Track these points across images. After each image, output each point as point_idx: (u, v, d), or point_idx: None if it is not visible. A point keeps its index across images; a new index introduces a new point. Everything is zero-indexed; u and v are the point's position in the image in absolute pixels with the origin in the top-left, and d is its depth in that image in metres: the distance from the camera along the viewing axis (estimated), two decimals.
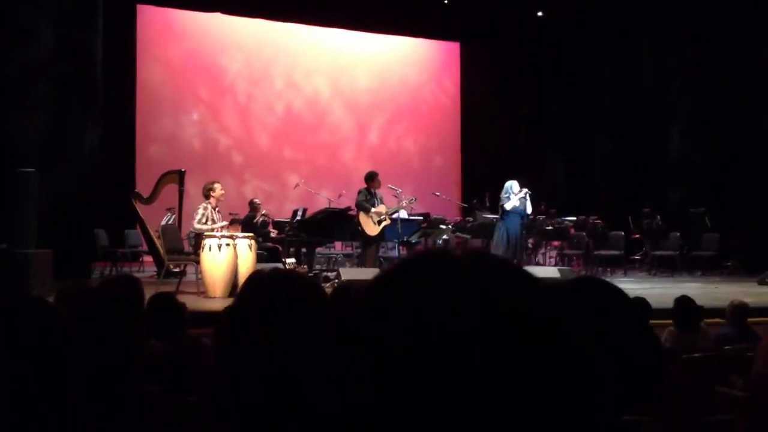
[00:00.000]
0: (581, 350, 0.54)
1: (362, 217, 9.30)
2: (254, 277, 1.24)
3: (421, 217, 10.73)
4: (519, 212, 10.20)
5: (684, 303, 4.69)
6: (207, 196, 8.43)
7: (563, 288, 1.16)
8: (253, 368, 1.10)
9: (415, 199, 9.97)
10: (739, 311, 4.85)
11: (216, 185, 8.48)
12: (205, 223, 8.24)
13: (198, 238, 8.33)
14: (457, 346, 0.51)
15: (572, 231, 11.93)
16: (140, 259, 11.62)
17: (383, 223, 9.25)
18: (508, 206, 10.03)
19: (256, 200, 11.96)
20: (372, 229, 9.25)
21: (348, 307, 0.57)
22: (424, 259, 0.57)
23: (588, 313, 1.06)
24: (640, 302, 4.71)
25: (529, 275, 0.56)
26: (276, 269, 1.31)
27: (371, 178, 9.52)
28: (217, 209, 8.48)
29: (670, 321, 4.85)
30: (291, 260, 9.63)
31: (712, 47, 13.52)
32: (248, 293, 1.20)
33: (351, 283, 4.83)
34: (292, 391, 1.05)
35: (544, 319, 0.53)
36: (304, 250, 10.17)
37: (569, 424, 0.51)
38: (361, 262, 9.90)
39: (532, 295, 0.54)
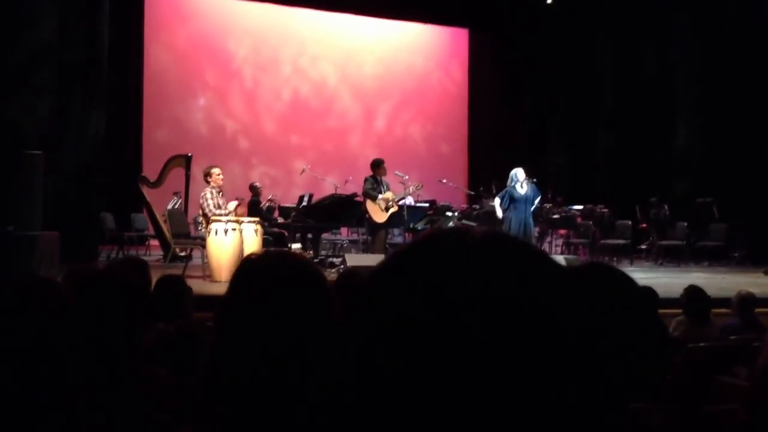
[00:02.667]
0: (589, 336, 0.53)
1: (369, 204, 9.29)
2: (245, 262, 1.24)
3: (428, 204, 10.73)
4: (525, 198, 10.17)
5: (694, 293, 4.67)
6: (207, 181, 8.46)
7: (572, 274, 1.15)
8: (248, 357, 1.10)
9: (422, 186, 9.95)
10: (745, 302, 4.84)
11: (213, 170, 8.49)
12: (218, 208, 8.27)
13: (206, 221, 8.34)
14: (469, 326, 0.50)
15: (579, 220, 11.90)
16: (147, 243, 11.67)
17: (391, 210, 9.26)
18: (517, 197, 9.95)
19: (257, 184, 11.95)
20: (379, 216, 9.26)
21: (354, 290, 0.56)
22: (440, 238, 0.56)
23: (596, 300, 1.06)
24: (648, 291, 4.70)
25: (544, 256, 0.56)
26: (267, 252, 1.29)
27: (377, 165, 9.52)
28: (221, 193, 8.50)
29: (676, 311, 4.85)
30: (297, 246, 9.65)
31: (715, 36, 13.43)
32: (240, 280, 1.19)
33: (356, 269, 4.84)
34: (289, 380, 1.05)
35: (552, 302, 0.53)
36: (310, 235, 10.19)
37: (575, 409, 0.51)
38: (369, 248, 9.92)
39: (544, 278, 0.54)
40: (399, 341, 0.51)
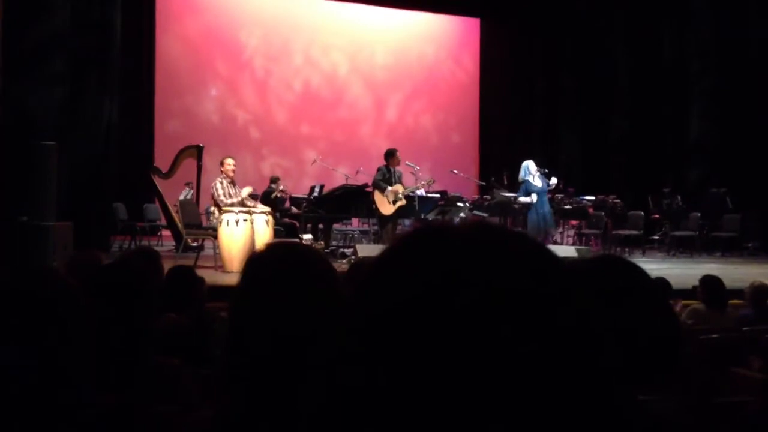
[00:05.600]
0: (587, 327, 0.53)
1: (377, 195, 9.27)
2: (253, 257, 1.24)
3: (438, 195, 10.70)
4: (542, 190, 10.19)
5: (711, 282, 4.69)
6: (222, 171, 8.55)
7: (583, 266, 1.15)
8: (260, 347, 1.11)
9: (433, 181, 9.91)
10: (759, 293, 4.81)
11: (226, 160, 8.55)
12: (230, 197, 8.31)
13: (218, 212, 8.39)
14: (457, 319, 0.50)
15: (591, 210, 11.85)
16: (159, 233, 11.73)
17: (398, 204, 9.21)
18: (533, 199, 10.03)
19: (278, 178, 12.01)
20: (386, 208, 9.23)
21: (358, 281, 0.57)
22: (428, 233, 0.56)
23: (606, 291, 1.05)
24: (661, 282, 4.69)
25: (540, 248, 0.56)
26: (275, 244, 1.30)
27: (390, 155, 9.47)
28: (232, 183, 8.53)
29: (690, 302, 4.83)
30: (308, 236, 9.66)
31: (730, 24, 13.28)
32: (248, 273, 1.20)
33: (367, 260, 4.83)
34: (301, 369, 1.06)
35: (548, 293, 0.53)
36: (321, 226, 10.20)
37: (577, 402, 0.51)
38: (378, 239, 9.92)
39: (538, 269, 0.54)
40: (396, 331, 0.51)
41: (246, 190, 8.56)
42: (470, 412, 0.49)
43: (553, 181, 10.23)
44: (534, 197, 10.03)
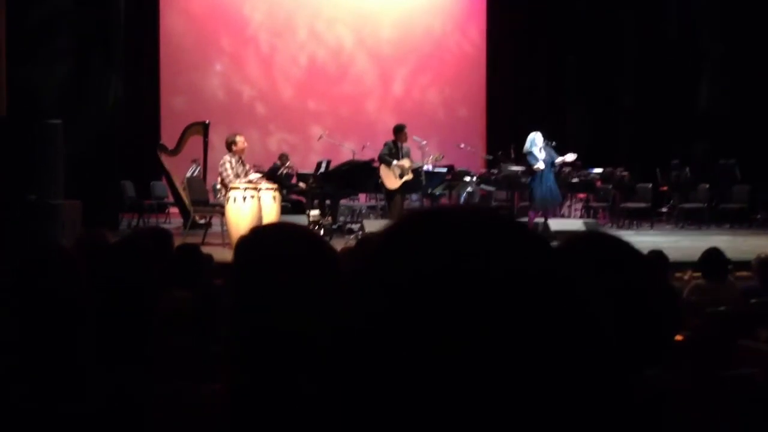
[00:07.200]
0: (582, 306, 0.53)
1: (383, 169, 9.26)
2: (242, 240, 1.24)
3: (446, 170, 10.67)
4: (547, 163, 10.04)
5: (710, 253, 4.68)
6: (230, 149, 8.46)
7: (569, 244, 1.14)
8: (260, 325, 1.12)
9: (442, 156, 9.84)
10: (765, 265, 4.79)
11: (238, 138, 8.49)
12: (237, 177, 8.29)
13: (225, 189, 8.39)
14: (462, 298, 0.50)
15: (598, 183, 11.80)
16: (166, 211, 11.77)
17: (404, 178, 9.19)
18: (540, 166, 9.80)
19: (286, 155, 12.00)
20: (392, 182, 9.21)
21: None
22: (428, 215, 0.56)
23: (595, 269, 1.04)
24: (657, 255, 4.68)
25: (524, 228, 0.57)
26: (259, 227, 1.31)
27: (399, 130, 9.43)
28: (241, 161, 8.52)
29: (695, 274, 4.83)
30: (315, 212, 9.68)
31: None
32: (241, 257, 1.20)
33: (373, 236, 4.83)
34: (301, 344, 1.07)
35: (538, 273, 0.53)
36: (328, 202, 10.21)
37: (572, 381, 0.51)
38: (386, 214, 9.92)
39: (527, 249, 0.54)
40: (402, 309, 0.52)
41: (254, 176, 8.55)
42: (477, 388, 0.49)
43: (570, 157, 10.02)
44: (541, 165, 9.86)
